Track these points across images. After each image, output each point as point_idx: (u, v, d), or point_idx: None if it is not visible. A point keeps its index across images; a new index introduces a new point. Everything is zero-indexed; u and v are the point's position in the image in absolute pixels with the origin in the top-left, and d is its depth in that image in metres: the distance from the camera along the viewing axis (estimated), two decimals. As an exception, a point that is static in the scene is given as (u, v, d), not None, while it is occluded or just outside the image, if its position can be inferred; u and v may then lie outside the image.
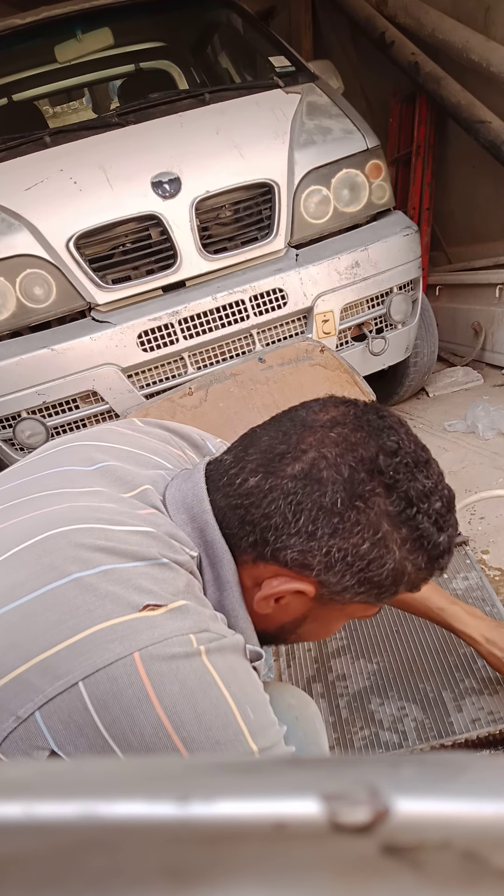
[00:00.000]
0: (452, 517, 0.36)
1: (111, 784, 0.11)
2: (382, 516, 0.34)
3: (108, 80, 2.13)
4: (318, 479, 0.33)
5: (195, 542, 0.36)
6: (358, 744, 0.59)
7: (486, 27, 1.68)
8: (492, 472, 1.18)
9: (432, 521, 0.35)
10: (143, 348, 1.18)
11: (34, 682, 0.28)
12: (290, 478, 0.34)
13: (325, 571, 0.34)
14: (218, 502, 0.36)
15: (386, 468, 0.34)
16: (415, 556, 0.35)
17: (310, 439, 0.35)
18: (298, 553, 0.34)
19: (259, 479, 0.35)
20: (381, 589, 0.35)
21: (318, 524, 0.33)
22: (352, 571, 0.34)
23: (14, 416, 1.16)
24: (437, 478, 0.36)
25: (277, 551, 0.34)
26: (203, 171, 1.21)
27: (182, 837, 0.10)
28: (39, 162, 1.25)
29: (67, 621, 0.29)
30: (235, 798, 0.10)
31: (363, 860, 0.10)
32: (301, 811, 0.10)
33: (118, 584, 0.30)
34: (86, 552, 0.31)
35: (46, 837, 0.10)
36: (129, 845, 0.10)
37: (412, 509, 0.34)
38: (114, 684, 0.27)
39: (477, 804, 0.10)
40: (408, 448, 0.35)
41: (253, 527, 0.35)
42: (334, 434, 0.34)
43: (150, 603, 0.30)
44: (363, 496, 0.33)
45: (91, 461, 0.38)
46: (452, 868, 0.10)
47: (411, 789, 0.10)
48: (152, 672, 0.28)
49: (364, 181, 1.30)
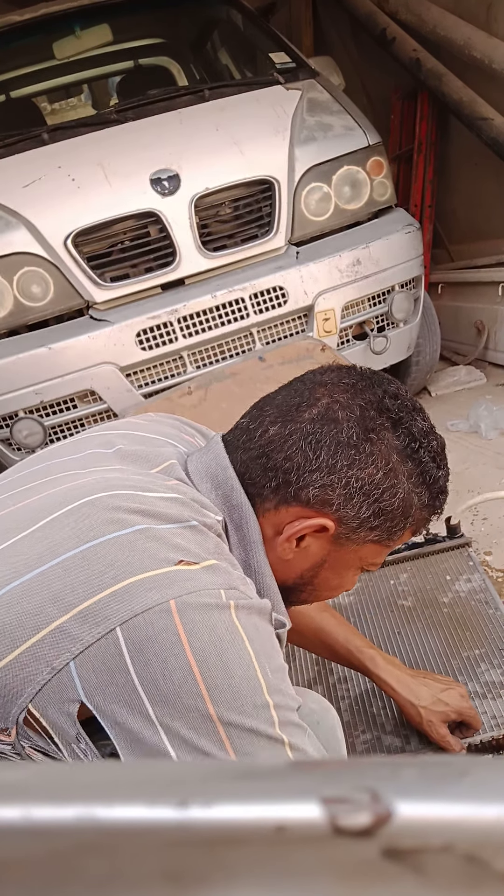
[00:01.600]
0: (446, 459, 0.41)
1: (110, 788, 0.11)
2: (392, 449, 0.38)
3: (106, 76, 2.12)
4: (333, 418, 0.37)
5: (220, 507, 0.38)
6: (359, 747, 0.59)
7: (487, 24, 1.67)
8: (495, 472, 1.18)
9: (432, 457, 0.39)
10: (141, 347, 1.18)
11: (73, 632, 0.29)
12: (308, 421, 0.37)
13: (344, 504, 0.37)
14: (240, 458, 0.39)
15: (392, 407, 0.38)
16: (419, 490, 0.39)
17: (322, 390, 0.38)
18: (320, 488, 0.37)
19: (279, 427, 0.38)
20: (393, 521, 0.38)
21: (337, 457, 0.37)
22: (368, 501, 0.37)
23: (11, 415, 1.16)
24: (431, 424, 0.40)
25: (300, 490, 0.37)
26: (202, 168, 1.21)
27: (182, 841, 0.10)
28: (37, 159, 1.24)
29: (107, 573, 0.31)
30: (235, 802, 0.10)
31: (365, 864, 0.10)
32: (302, 815, 0.10)
33: (154, 540, 0.32)
34: (122, 514, 0.33)
35: (45, 841, 0.10)
36: (129, 849, 0.10)
37: (415, 443, 0.38)
38: (150, 628, 0.29)
39: (479, 808, 0.10)
40: (405, 395, 0.40)
41: (276, 471, 0.38)
42: (343, 384, 0.38)
43: (185, 559, 0.32)
44: (375, 429, 0.37)
45: (111, 444, 0.40)
46: (454, 872, 0.10)
47: (413, 793, 0.10)
48: (186, 618, 0.29)
49: (365, 178, 1.30)
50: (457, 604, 0.74)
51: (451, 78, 1.77)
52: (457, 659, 0.65)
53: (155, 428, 0.44)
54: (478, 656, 0.65)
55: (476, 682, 0.62)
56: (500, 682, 0.61)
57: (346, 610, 0.79)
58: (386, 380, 0.40)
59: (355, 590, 0.83)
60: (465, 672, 0.64)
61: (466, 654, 0.66)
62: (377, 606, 0.78)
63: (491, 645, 0.67)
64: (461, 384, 1.64)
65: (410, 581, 0.81)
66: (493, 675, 0.62)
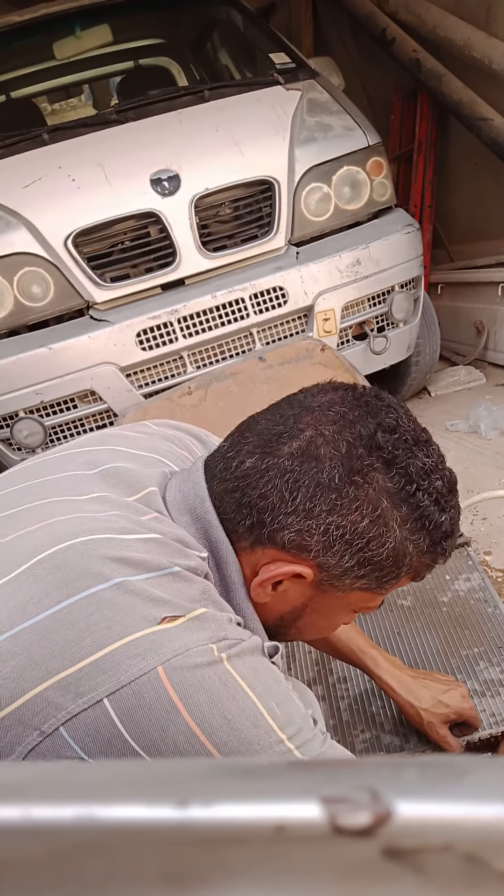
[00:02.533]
0: (455, 499, 0.36)
1: (110, 787, 0.11)
2: (381, 493, 0.33)
3: (106, 76, 2.12)
4: (315, 455, 0.33)
5: (201, 543, 0.36)
6: (359, 747, 0.59)
7: (487, 24, 1.67)
8: (494, 472, 1.18)
9: (433, 499, 0.34)
10: (141, 347, 1.18)
11: (56, 701, 0.28)
12: (287, 456, 0.33)
13: (323, 552, 0.33)
14: (215, 489, 0.36)
15: (384, 444, 0.33)
16: (416, 538, 0.34)
17: (307, 419, 0.34)
18: (296, 533, 0.33)
19: (255, 459, 0.34)
20: (382, 571, 0.34)
21: (315, 501, 0.33)
22: (351, 551, 0.33)
23: (11, 415, 1.16)
24: (438, 458, 0.35)
25: (274, 532, 0.34)
26: (202, 169, 1.21)
27: (181, 841, 0.10)
28: (38, 159, 1.24)
29: (86, 638, 0.29)
30: (235, 801, 0.10)
31: (364, 863, 0.10)
32: (302, 814, 0.10)
33: (134, 596, 0.30)
34: (98, 564, 0.31)
35: (45, 841, 0.10)
36: (128, 849, 0.10)
37: (412, 486, 0.33)
38: (140, 699, 0.27)
39: (479, 807, 0.10)
40: (406, 426, 0.35)
41: (250, 509, 0.34)
42: (332, 413, 0.34)
43: (168, 615, 0.30)
44: (361, 471, 0.33)
45: (93, 464, 0.38)
46: (454, 871, 0.10)
47: (413, 792, 0.10)
48: (177, 684, 0.28)
49: (365, 178, 1.30)
50: (456, 603, 0.74)
51: (451, 78, 1.77)
52: (456, 657, 0.65)
53: (148, 443, 0.41)
54: (477, 655, 0.65)
55: (475, 680, 0.62)
56: (499, 680, 0.61)
57: (346, 610, 0.79)
58: (385, 408, 0.35)
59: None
60: (464, 670, 0.64)
61: (465, 653, 0.66)
62: (377, 606, 0.78)
63: (490, 643, 0.67)
64: (461, 384, 1.64)
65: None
66: (492, 673, 0.62)
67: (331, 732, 0.61)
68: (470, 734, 0.54)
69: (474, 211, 1.96)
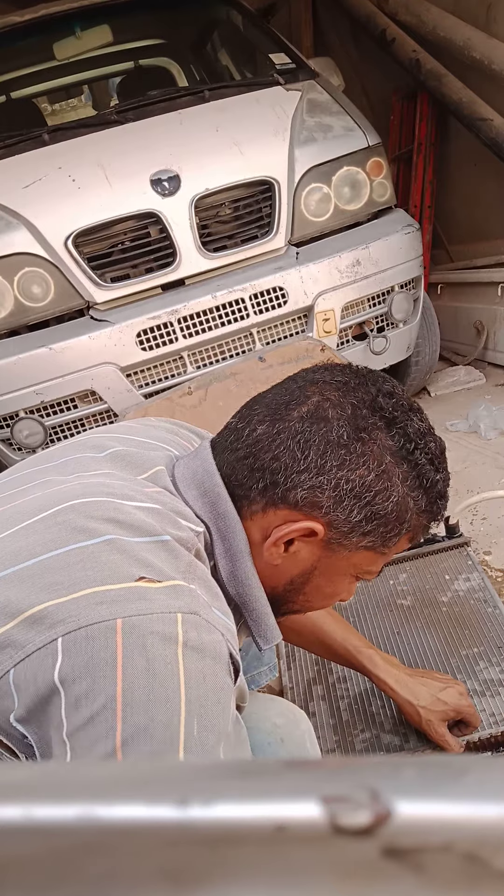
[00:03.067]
0: (445, 462, 0.38)
1: (110, 787, 0.11)
2: (385, 450, 0.36)
3: (107, 77, 2.13)
4: (323, 417, 0.36)
5: (206, 516, 0.36)
6: (359, 746, 0.59)
7: (487, 25, 1.67)
8: (494, 472, 1.18)
9: (429, 458, 0.37)
10: (141, 347, 1.18)
11: (18, 638, 0.28)
12: (297, 419, 0.36)
13: (334, 507, 0.35)
14: (227, 459, 0.38)
15: (385, 406, 0.36)
16: (415, 494, 0.37)
17: (312, 388, 0.37)
18: (308, 490, 0.35)
19: (266, 426, 0.37)
20: (387, 527, 0.36)
21: (326, 457, 0.35)
22: (359, 505, 0.35)
23: (12, 415, 1.16)
24: (429, 424, 0.38)
25: (288, 491, 0.35)
26: (203, 169, 1.21)
27: (181, 840, 0.10)
28: (38, 159, 1.24)
29: (63, 582, 0.29)
30: (235, 801, 0.10)
31: (364, 863, 0.10)
32: (301, 814, 0.10)
33: (120, 553, 0.31)
34: (93, 522, 0.32)
35: (45, 840, 0.10)
36: (129, 848, 0.10)
37: (411, 444, 0.36)
38: (89, 643, 0.28)
39: (479, 806, 0.10)
40: (401, 394, 0.38)
41: (262, 472, 0.36)
42: (335, 382, 0.37)
43: (147, 576, 0.30)
44: (366, 429, 0.36)
45: (102, 448, 0.39)
46: (454, 871, 0.10)
47: (413, 792, 0.10)
48: (128, 642, 0.28)
49: (365, 179, 1.30)
50: (456, 603, 0.74)
51: (451, 79, 1.77)
52: (456, 657, 0.66)
53: (150, 432, 0.43)
54: (477, 654, 0.65)
55: (475, 679, 0.62)
56: (499, 680, 0.61)
57: (346, 610, 0.79)
58: (381, 378, 0.38)
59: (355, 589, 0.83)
60: (463, 670, 0.64)
61: (465, 653, 0.66)
62: (377, 606, 0.78)
63: (490, 643, 0.67)
64: (460, 384, 1.64)
65: (410, 580, 0.81)
66: (492, 673, 0.62)
67: (331, 732, 0.61)
68: (469, 733, 0.54)
69: (474, 211, 1.96)
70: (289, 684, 0.69)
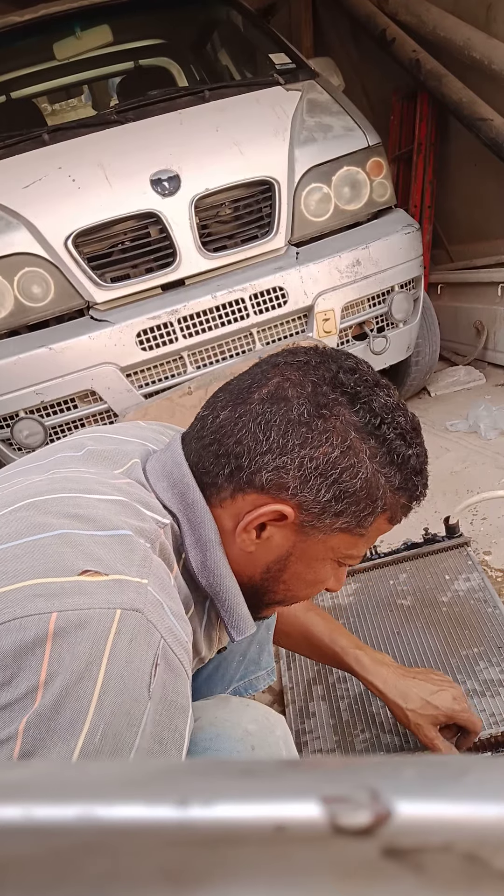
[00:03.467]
0: (419, 440, 0.37)
1: (110, 787, 0.11)
2: (349, 426, 0.35)
3: (107, 77, 2.12)
4: (283, 397, 0.35)
5: (175, 507, 0.36)
6: (359, 746, 0.59)
7: (487, 25, 1.67)
8: (494, 472, 1.18)
9: (398, 433, 0.36)
10: (141, 347, 1.18)
11: None
12: (258, 402, 0.36)
13: (301, 488, 0.35)
14: (193, 448, 0.37)
15: (346, 381, 0.35)
16: (387, 471, 0.36)
17: (273, 371, 0.37)
18: (273, 472, 0.35)
19: (228, 411, 0.36)
20: (359, 505, 0.35)
21: (288, 436, 0.34)
22: (326, 483, 0.35)
23: (12, 415, 1.16)
24: (398, 400, 0.37)
25: (253, 475, 0.35)
26: (203, 169, 1.21)
27: (181, 840, 0.10)
28: (38, 159, 1.24)
29: (8, 572, 0.29)
30: (235, 801, 0.10)
31: (364, 863, 0.10)
32: (301, 814, 0.10)
33: (70, 546, 0.30)
34: (50, 518, 0.32)
35: (45, 840, 0.10)
36: (129, 848, 0.10)
37: (376, 419, 0.35)
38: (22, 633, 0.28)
39: (479, 806, 0.10)
40: (366, 371, 0.37)
41: (227, 457, 0.36)
42: (296, 363, 0.37)
43: (91, 569, 0.29)
44: (327, 405, 0.35)
45: (80, 447, 0.40)
46: (454, 871, 0.10)
47: (412, 792, 0.10)
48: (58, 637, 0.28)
49: (365, 179, 1.30)
50: (456, 603, 0.74)
51: (451, 79, 1.77)
52: (456, 657, 0.66)
53: (134, 431, 0.43)
54: (477, 654, 0.65)
55: (475, 680, 0.62)
56: (499, 680, 0.61)
57: (346, 610, 0.79)
58: (344, 355, 0.37)
59: (355, 590, 0.83)
60: (463, 670, 0.64)
61: (465, 653, 0.66)
62: (377, 606, 0.78)
63: (490, 643, 0.67)
64: (460, 384, 1.64)
65: (410, 580, 0.82)
66: (492, 673, 0.62)
67: (331, 732, 0.61)
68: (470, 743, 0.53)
69: (474, 211, 1.96)
70: (289, 684, 0.69)
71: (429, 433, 1.40)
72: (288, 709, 0.66)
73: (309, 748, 0.60)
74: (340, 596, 0.82)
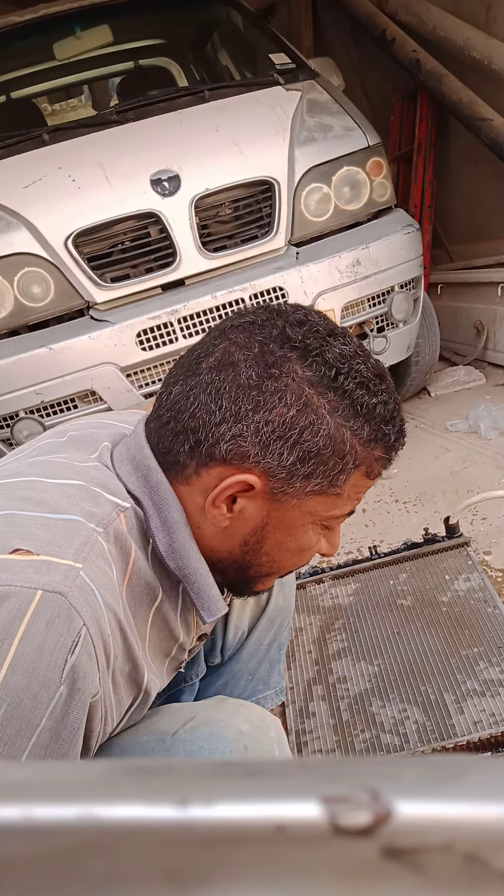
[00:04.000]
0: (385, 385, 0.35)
1: (110, 787, 0.11)
2: (303, 382, 0.33)
3: (107, 77, 2.12)
4: (230, 362, 0.34)
5: (140, 490, 0.35)
6: (359, 746, 0.59)
7: (487, 25, 1.67)
8: (494, 472, 1.18)
9: (358, 382, 0.33)
10: (141, 347, 1.17)
11: None
12: (206, 371, 0.34)
13: (262, 454, 0.33)
14: (153, 429, 0.36)
15: (294, 335, 0.33)
16: (352, 424, 0.33)
17: (221, 337, 0.35)
18: (231, 441, 0.33)
19: (180, 385, 0.35)
20: (327, 465, 0.33)
21: (239, 402, 0.33)
22: (287, 445, 0.33)
23: (12, 415, 1.16)
24: (357, 347, 0.35)
25: (212, 447, 0.34)
26: (203, 169, 1.21)
27: (181, 840, 0.10)
28: (38, 159, 1.24)
29: None
30: (235, 801, 0.10)
31: (364, 863, 0.10)
32: (301, 814, 0.10)
33: (10, 526, 0.30)
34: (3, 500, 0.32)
35: (45, 840, 0.10)
36: (129, 848, 0.10)
37: (332, 371, 0.33)
38: None
39: (479, 806, 0.10)
40: (316, 321, 0.34)
41: (185, 433, 0.34)
42: (242, 324, 0.35)
43: (24, 548, 0.29)
44: (276, 363, 0.33)
45: (63, 433, 0.40)
46: (454, 871, 0.10)
47: (412, 792, 0.10)
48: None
49: (365, 179, 1.30)
50: (456, 603, 0.74)
51: (451, 79, 1.77)
52: (456, 657, 0.66)
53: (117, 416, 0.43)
54: (477, 654, 0.65)
55: (475, 680, 0.62)
56: (499, 680, 0.61)
57: (346, 610, 0.79)
58: (293, 308, 0.35)
59: (355, 590, 0.83)
60: (464, 670, 0.64)
61: (465, 653, 0.66)
62: (377, 606, 0.78)
63: (490, 643, 0.67)
64: (460, 384, 1.64)
65: (410, 580, 0.81)
66: (492, 673, 0.62)
67: (331, 732, 0.61)
68: None
69: (474, 211, 1.96)
70: (289, 684, 0.69)
71: (429, 433, 1.40)
72: (288, 709, 0.66)
73: (309, 748, 0.60)
74: (340, 596, 0.82)
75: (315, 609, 0.80)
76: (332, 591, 0.83)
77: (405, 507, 1.13)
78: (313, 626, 0.77)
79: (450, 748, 0.56)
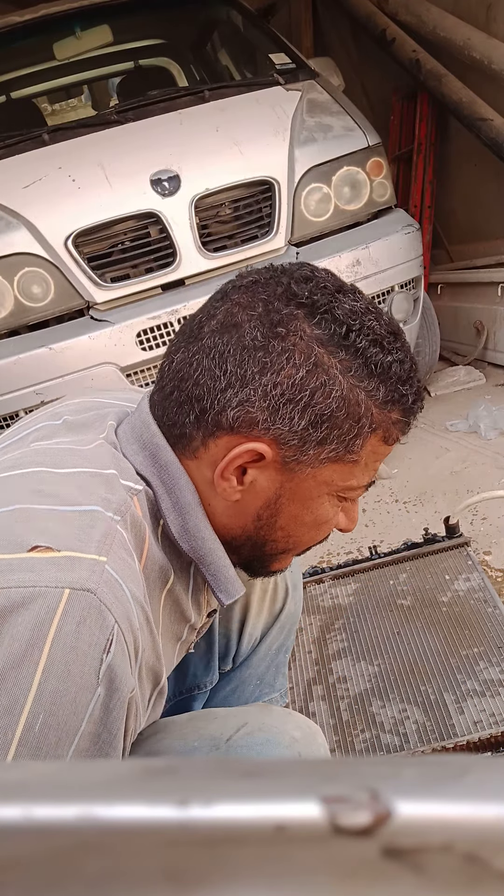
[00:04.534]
0: (400, 343, 0.32)
1: (110, 787, 0.11)
2: (311, 341, 0.31)
3: (107, 77, 2.13)
4: (233, 324, 0.31)
5: (148, 470, 0.33)
6: (359, 746, 0.59)
7: (487, 24, 1.67)
8: (494, 472, 1.18)
9: (371, 340, 0.31)
10: (142, 347, 1.18)
11: None
12: (209, 335, 0.32)
13: (272, 419, 0.31)
14: (156, 402, 0.34)
15: (300, 292, 0.31)
16: (367, 385, 0.31)
17: (223, 299, 0.33)
18: (238, 408, 0.31)
19: (182, 352, 0.33)
20: (341, 429, 0.31)
21: (245, 365, 0.30)
22: (298, 409, 0.30)
23: (12, 416, 1.16)
24: (368, 303, 0.32)
25: (218, 415, 0.31)
26: (203, 169, 1.21)
27: (182, 840, 0.10)
28: (38, 159, 1.24)
29: None
30: (235, 801, 0.10)
31: (364, 863, 0.10)
32: (301, 814, 0.10)
33: (23, 522, 0.28)
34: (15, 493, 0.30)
35: (45, 840, 0.10)
36: (129, 848, 0.10)
37: (342, 328, 0.31)
38: None
39: (479, 806, 0.10)
40: (323, 277, 0.32)
41: (190, 402, 0.32)
42: (245, 284, 0.33)
43: (43, 545, 0.27)
44: (282, 322, 0.31)
45: (58, 416, 0.37)
46: (454, 871, 0.10)
47: (413, 792, 0.10)
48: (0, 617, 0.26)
49: (365, 179, 1.30)
50: (456, 603, 0.74)
51: (451, 79, 1.77)
52: (456, 657, 0.66)
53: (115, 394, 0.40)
54: (477, 654, 0.65)
55: (475, 680, 0.62)
56: (499, 680, 0.61)
57: (346, 610, 0.79)
58: (298, 265, 0.33)
59: (355, 590, 0.83)
60: (464, 670, 0.64)
61: (465, 653, 0.66)
62: (377, 606, 0.78)
63: (490, 643, 0.67)
64: (460, 384, 1.64)
65: (410, 580, 0.82)
66: (492, 673, 0.62)
67: (331, 732, 0.61)
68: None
69: (474, 211, 1.96)
70: (289, 684, 0.69)
71: (429, 433, 1.40)
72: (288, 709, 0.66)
73: (309, 748, 0.60)
74: (340, 596, 0.82)
75: (315, 609, 0.80)
76: (332, 591, 0.83)
77: (405, 507, 1.13)
78: (313, 626, 0.77)
79: (450, 748, 0.56)
